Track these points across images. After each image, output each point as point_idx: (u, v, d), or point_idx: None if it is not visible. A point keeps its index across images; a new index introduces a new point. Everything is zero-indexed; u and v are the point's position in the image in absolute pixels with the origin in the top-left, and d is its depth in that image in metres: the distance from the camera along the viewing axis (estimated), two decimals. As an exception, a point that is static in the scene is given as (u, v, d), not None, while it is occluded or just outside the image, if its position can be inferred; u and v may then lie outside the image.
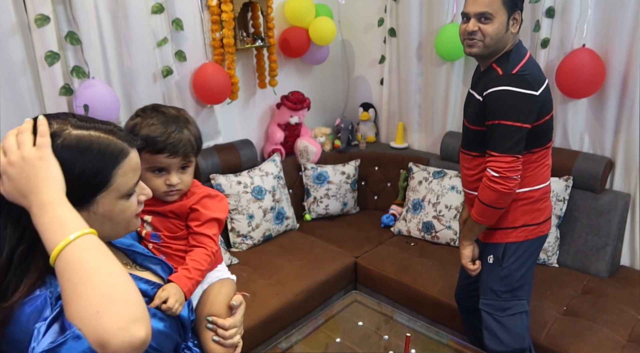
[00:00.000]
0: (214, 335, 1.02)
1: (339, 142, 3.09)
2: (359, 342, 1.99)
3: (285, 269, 2.40)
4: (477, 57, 1.61)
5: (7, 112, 1.92)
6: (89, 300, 0.62)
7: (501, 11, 1.50)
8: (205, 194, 1.10)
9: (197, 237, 1.07)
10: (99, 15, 2.08)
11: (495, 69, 1.55)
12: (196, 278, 1.00)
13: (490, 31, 1.50)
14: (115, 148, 0.75)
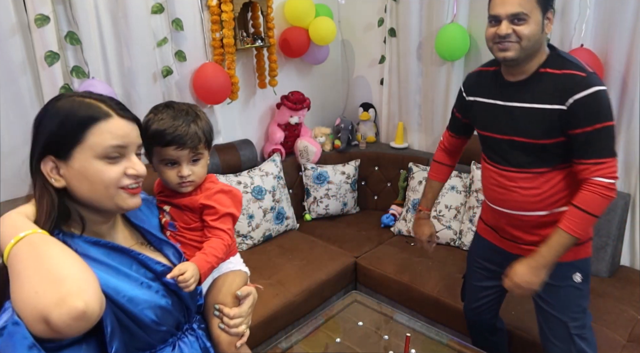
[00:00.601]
0: (220, 323, 1.06)
1: (339, 142, 3.09)
2: (359, 342, 1.99)
3: (285, 269, 2.40)
4: (511, 62, 1.43)
5: (7, 112, 1.92)
6: (29, 284, 0.67)
7: (536, 10, 1.37)
8: (218, 190, 1.12)
9: (213, 230, 1.10)
10: (99, 15, 2.08)
11: (569, 74, 1.39)
12: (212, 263, 1.05)
13: (526, 33, 1.37)
14: (96, 110, 0.84)
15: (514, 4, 1.36)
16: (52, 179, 0.84)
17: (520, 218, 1.55)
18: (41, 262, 0.70)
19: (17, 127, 1.97)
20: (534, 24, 1.37)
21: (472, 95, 1.62)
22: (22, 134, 1.98)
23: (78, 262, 0.73)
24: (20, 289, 0.68)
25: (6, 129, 1.93)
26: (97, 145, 0.83)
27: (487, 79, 1.57)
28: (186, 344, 0.98)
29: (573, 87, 1.37)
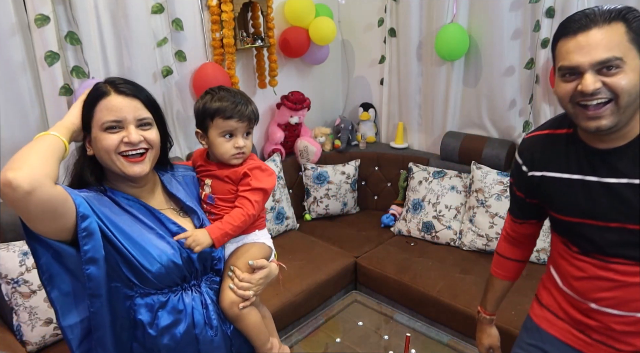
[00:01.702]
0: (231, 283, 1.20)
1: (339, 142, 3.09)
2: (359, 342, 1.99)
3: (285, 269, 2.40)
4: (607, 131, 1.02)
5: (7, 112, 1.92)
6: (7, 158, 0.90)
7: (631, 51, 0.96)
8: (257, 165, 1.26)
9: (240, 199, 1.22)
10: (99, 15, 2.08)
11: None
12: (226, 230, 1.17)
13: (624, 85, 0.96)
14: (99, 91, 1.04)
15: (603, 48, 0.96)
16: (88, 148, 1.08)
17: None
18: (25, 149, 0.93)
19: (17, 127, 1.96)
20: (631, 71, 0.96)
21: (539, 169, 1.20)
22: (22, 134, 1.98)
23: (43, 155, 0.93)
24: None
25: (6, 129, 1.93)
26: (99, 120, 1.03)
27: (559, 145, 1.16)
28: (188, 296, 1.12)
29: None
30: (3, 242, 1.83)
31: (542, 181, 1.19)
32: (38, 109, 2.01)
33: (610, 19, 0.95)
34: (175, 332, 1.09)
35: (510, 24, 2.47)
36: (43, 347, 1.83)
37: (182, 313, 1.10)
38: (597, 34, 0.96)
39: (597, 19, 0.96)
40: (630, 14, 0.96)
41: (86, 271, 0.97)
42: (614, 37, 0.95)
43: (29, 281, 1.78)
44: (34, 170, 0.87)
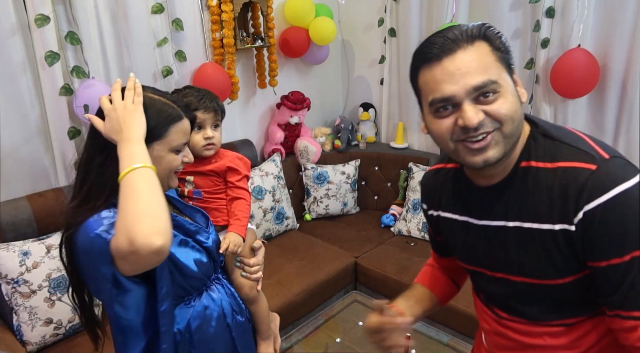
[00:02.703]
0: (242, 272, 1.31)
1: (339, 142, 3.09)
2: (359, 342, 1.99)
3: (285, 269, 2.40)
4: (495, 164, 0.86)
5: (7, 112, 1.92)
6: (132, 210, 0.85)
7: (503, 73, 0.83)
8: (236, 156, 1.41)
9: (237, 189, 1.38)
10: (99, 15, 2.08)
11: (568, 169, 0.82)
12: (245, 223, 1.35)
13: (505, 111, 0.81)
14: (174, 112, 1.03)
15: (474, 71, 0.80)
16: None
17: None
18: (145, 198, 0.87)
19: (17, 127, 1.96)
20: (509, 94, 0.82)
21: (435, 208, 1.07)
22: (22, 134, 1.98)
23: (165, 206, 0.91)
24: (125, 211, 0.86)
25: (6, 129, 1.93)
26: (173, 141, 1.02)
27: (448, 182, 1.02)
28: (214, 291, 1.18)
29: (578, 193, 0.80)
30: (3, 242, 1.83)
31: (439, 221, 1.06)
32: (38, 109, 2.01)
33: (472, 38, 0.81)
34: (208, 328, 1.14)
35: (510, 24, 2.47)
36: (43, 347, 1.83)
37: (212, 307, 1.16)
38: (465, 56, 0.80)
39: (459, 39, 0.81)
40: (489, 31, 0.83)
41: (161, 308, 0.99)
42: (483, 58, 0.81)
43: (29, 281, 1.78)
44: (169, 229, 0.87)
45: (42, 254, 1.83)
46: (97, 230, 0.90)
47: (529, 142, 0.88)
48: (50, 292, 1.80)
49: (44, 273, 1.81)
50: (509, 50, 0.85)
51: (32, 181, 2.05)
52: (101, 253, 0.88)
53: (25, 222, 1.89)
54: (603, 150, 0.83)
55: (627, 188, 0.77)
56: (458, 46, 0.81)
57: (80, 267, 0.98)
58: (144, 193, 0.88)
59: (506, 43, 0.85)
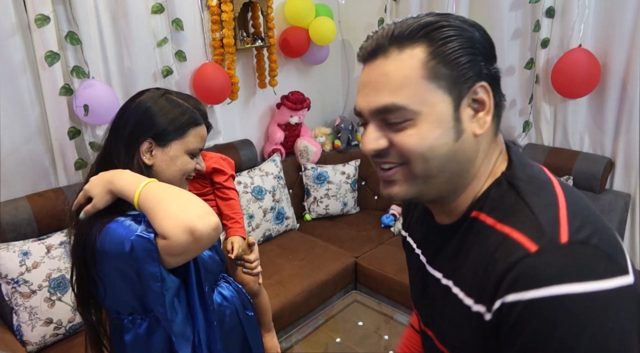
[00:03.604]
0: (242, 269, 1.37)
1: (339, 142, 3.09)
2: (359, 342, 1.99)
3: (285, 269, 2.40)
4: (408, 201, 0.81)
5: (7, 112, 1.92)
6: (172, 207, 0.87)
7: (432, 97, 0.62)
8: (220, 157, 1.44)
9: (225, 190, 1.41)
10: (99, 15, 2.08)
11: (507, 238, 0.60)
12: (243, 224, 1.42)
13: (411, 145, 0.62)
14: (195, 116, 1.09)
15: (384, 89, 0.63)
16: (144, 157, 1.04)
17: None
18: (174, 194, 0.90)
19: (17, 127, 1.96)
20: (430, 125, 0.62)
21: (405, 229, 0.91)
22: (22, 134, 1.98)
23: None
24: (163, 214, 0.86)
25: (6, 129, 1.93)
26: (190, 144, 1.07)
27: (420, 207, 0.84)
28: (224, 289, 1.24)
29: (502, 275, 0.58)
30: (3, 242, 1.83)
31: (404, 244, 0.89)
32: (38, 109, 2.00)
33: (404, 39, 0.63)
34: (223, 323, 1.19)
35: (510, 24, 2.47)
36: (43, 347, 1.83)
37: (225, 304, 1.21)
38: (382, 65, 0.63)
39: (385, 41, 0.63)
40: (436, 34, 0.62)
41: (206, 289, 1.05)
42: (401, 73, 0.61)
43: (29, 281, 1.78)
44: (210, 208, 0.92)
45: (42, 254, 1.83)
46: (137, 232, 0.90)
47: (490, 189, 0.66)
48: (50, 292, 1.80)
49: (44, 273, 1.81)
50: (470, 65, 0.62)
51: (32, 181, 2.05)
52: (147, 253, 0.89)
53: (25, 222, 1.89)
54: (574, 230, 0.56)
55: (572, 293, 0.52)
56: (381, 50, 0.63)
57: (103, 272, 0.97)
58: (173, 192, 0.91)
59: (463, 55, 0.61)
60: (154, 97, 1.07)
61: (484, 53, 0.63)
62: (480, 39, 0.63)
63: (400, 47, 0.62)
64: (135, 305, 1.00)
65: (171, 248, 0.87)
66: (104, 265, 0.96)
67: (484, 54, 0.63)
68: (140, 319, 1.02)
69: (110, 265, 0.95)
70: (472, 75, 0.62)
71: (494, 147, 0.67)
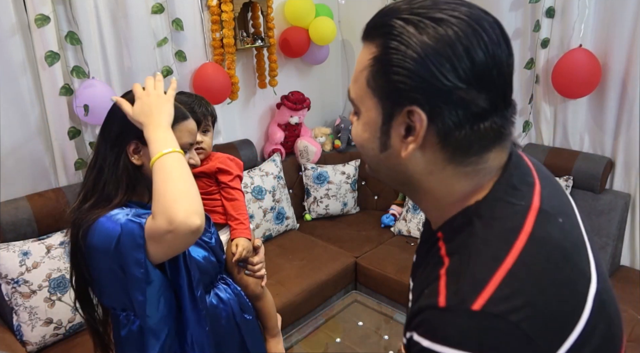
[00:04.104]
0: (245, 271, 1.35)
1: (339, 142, 3.09)
2: (359, 342, 1.99)
3: (285, 269, 2.40)
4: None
5: (7, 112, 1.92)
6: (170, 191, 0.89)
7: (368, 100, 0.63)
8: (227, 157, 1.44)
9: (230, 190, 1.40)
10: (99, 15, 2.08)
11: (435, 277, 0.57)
12: (249, 225, 1.39)
13: (353, 136, 0.69)
14: (179, 111, 1.05)
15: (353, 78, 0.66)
16: (132, 158, 1.02)
17: None
18: (180, 179, 0.91)
19: (17, 127, 1.96)
20: (362, 125, 0.66)
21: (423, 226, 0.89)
22: (22, 134, 1.98)
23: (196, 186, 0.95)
24: (162, 193, 0.89)
25: (6, 129, 1.93)
26: (179, 139, 1.01)
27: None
28: (221, 291, 1.21)
29: (417, 312, 0.57)
30: (3, 242, 1.83)
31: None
32: (38, 109, 2.00)
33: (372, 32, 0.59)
34: (218, 327, 1.17)
35: (510, 24, 2.47)
36: (43, 347, 1.83)
37: (221, 307, 1.19)
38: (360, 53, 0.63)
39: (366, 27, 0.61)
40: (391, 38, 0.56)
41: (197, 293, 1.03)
42: (359, 66, 0.62)
43: (29, 281, 1.78)
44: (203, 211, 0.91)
45: (42, 254, 1.83)
46: (123, 219, 0.92)
47: (456, 216, 0.61)
48: (50, 292, 1.80)
49: (44, 273, 1.81)
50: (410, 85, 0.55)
51: (32, 181, 2.05)
52: (133, 238, 0.90)
53: (25, 222, 1.89)
54: (497, 298, 0.51)
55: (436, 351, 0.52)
56: (362, 37, 0.61)
57: (94, 267, 0.98)
58: (179, 175, 0.91)
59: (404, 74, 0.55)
60: None
61: (450, 77, 0.54)
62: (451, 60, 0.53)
63: (367, 39, 0.60)
64: (126, 301, 0.99)
65: (152, 230, 0.89)
66: (93, 260, 0.96)
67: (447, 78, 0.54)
68: (133, 316, 1.02)
69: (99, 260, 0.95)
70: (409, 96, 0.55)
71: (463, 172, 0.59)
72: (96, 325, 1.10)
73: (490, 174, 0.60)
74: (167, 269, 0.99)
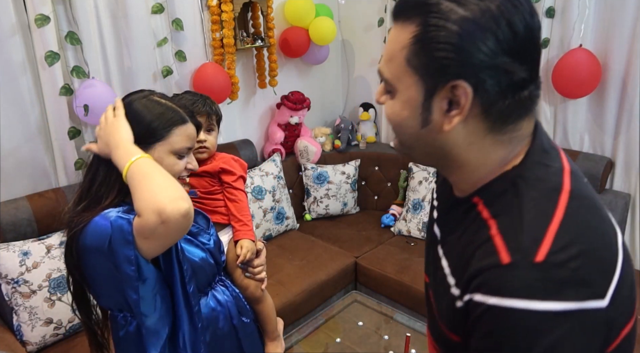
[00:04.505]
0: (245, 273, 1.33)
1: (339, 142, 3.09)
2: (359, 342, 1.99)
3: (285, 269, 2.40)
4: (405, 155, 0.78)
5: (7, 112, 1.92)
6: (149, 187, 0.89)
7: (408, 78, 0.63)
8: (231, 157, 1.43)
9: (233, 190, 1.39)
10: (99, 15, 2.08)
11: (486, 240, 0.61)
12: (252, 226, 1.38)
13: (387, 114, 0.69)
14: (177, 115, 1.04)
15: (384, 56, 0.67)
16: None
17: None
18: (155, 174, 0.92)
19: (17, 127, 1.96)
20: (400, 104, 0.65)
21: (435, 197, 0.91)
22: (22, 134, 1.98)
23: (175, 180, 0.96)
24: (141, 194, 0.89)
25: (6, 129, 1.93)
26: (175, 144, 1.03)
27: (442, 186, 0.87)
28: (219, 293, 1.20)
29: (475, 273, 0.60)
30: (3, 242, 1.83)
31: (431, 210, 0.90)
32: (38, 109, 2.01)
33: (408, 12, 0.61)
34: (215, 329, 1.16)
35: (510, 24, 2.47)
36: (43, 347, 1.83)
37: (219, 309, 1.18)
38: (392, 31, 0.65)
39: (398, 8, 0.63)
40: (432, 16, 0.58)
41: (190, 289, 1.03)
42: (395, 45, 0.63)
43: (29, 281, 1.78)
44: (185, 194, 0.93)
45: (42, 254, 1.83)
46: (113, 216, 0.92)
47: (494, 181, 0.65)
48: (50, 292, 1.80)
49: (44, 273, 1.81)
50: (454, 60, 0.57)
51: (32, 181, 2.05)
52: (123, 235, 0.90)
53: (25, 222, 1.89)
54: (556, 249, 0.55)
55: (530, 309, 0.53)
56: (394, 15, 0.64)
57: (89, 268, 0.97)
58: (153, 172, 0.92)
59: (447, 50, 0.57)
60: (134, 99, 1.04)
61: (494, 49, 0.57)
62: (495, 33, 0.56)
63: (402, 18, 0.62)
64: (122, 302, 0.98)
65: (141, 228, 0.89)
66: (89, 260, 0.95)
67: (491, 50, 0.57)
68: (130, 317, 1.01)
69: (95, 260, 0.94)
70: (454, 71, 0.58)
71: (500, 140, 0.64)
72: (93, 326, 1.09)
73: (524, 141, 0.65)
74: (162, 263, 0.99)
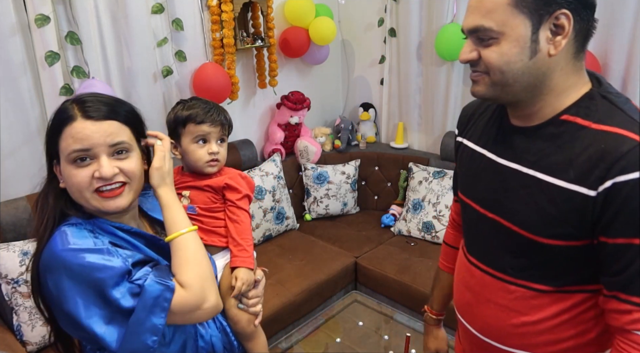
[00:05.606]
0: (238, 303, 1.18)
1: (339, 142, 3.09)
2: (359, 342, 1.99)
3: (285, 269, 2.40)
4: (487, 101, 0.98)
5: (7, 112, 1.92)
6: (196, 271, 0.90)
7: (514, 20, 0.78)
8: (238, 173, 1.31)
9: (236, 210, 1.24)
10: (99, 15, 2.08)
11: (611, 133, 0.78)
12: (252, 253, 1.23)
13: (493, 60, 0.82)
14: (63, 115, 0.86)
15: (475, 13, 0.81)
16: (60, 179, 0.90)
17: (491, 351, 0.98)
18: (199, 259, 0.92)
19: (17, 127, 1.97)
20: (508, 44, 0.79)
21: (462, 135, 1.07)
22: (22, 134, 1.98)
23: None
24: (190, 272, 0.89)
25: (6, 129, 1.93)
26: (65, 150, 0.85)
27: (486, 114, 1.01)
28: (203, 326, 1.06)
29: (614, 161, 0.75)
30: (3, 242, 1.83)
31: (460, 148, 1.07)
32: (38, 109, 2.01)
33: None
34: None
35: (510, 24, 2.47)
36: (43, 347, 1.83)
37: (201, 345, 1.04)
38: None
39: None
40: None
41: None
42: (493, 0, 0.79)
43: (29, 281, 1.78)
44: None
45: (42, 254, 1.82)
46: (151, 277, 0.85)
47: (582, 99, 0.83)
48: (50, 292, 1.80)
49: (44, 273, 1.80)
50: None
51: (32, 181, 2.05)
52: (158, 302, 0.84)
53: (25, 222, 1.89)
54: None
55: None
56: None
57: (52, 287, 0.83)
58: (198, 255, 0.93)
59: None
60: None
61: None
62: None
63: None
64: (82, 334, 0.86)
65: (184, 300, 0.87)
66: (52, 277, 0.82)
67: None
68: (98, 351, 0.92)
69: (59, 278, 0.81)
70: (558, 2, 0.76)
71: (577, 67, 0.83)
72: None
73: (584, 70, 0.85)
74: None
